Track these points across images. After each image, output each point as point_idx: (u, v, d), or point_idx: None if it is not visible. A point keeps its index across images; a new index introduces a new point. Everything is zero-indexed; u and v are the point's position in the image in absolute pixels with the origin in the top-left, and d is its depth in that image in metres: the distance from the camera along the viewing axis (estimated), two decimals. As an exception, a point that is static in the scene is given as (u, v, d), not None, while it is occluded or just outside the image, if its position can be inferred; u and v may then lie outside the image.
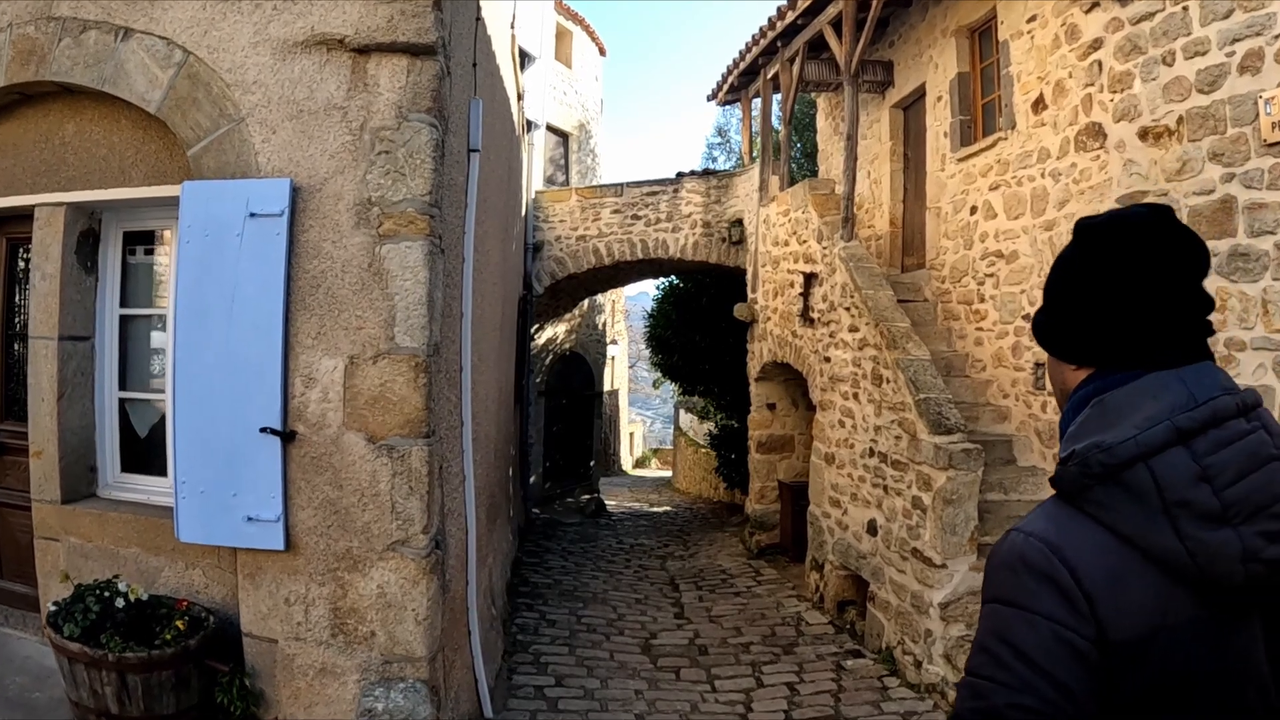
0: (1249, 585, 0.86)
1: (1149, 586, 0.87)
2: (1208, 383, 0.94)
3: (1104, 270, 1.01)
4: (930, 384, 5.44)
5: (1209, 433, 0.89)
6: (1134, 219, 1.02)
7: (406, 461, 3.02)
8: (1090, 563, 0.88)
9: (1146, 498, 0.88)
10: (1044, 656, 0.86)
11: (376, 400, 3.06)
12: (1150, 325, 0.98)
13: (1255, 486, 0.87)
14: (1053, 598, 0.88)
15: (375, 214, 3.15)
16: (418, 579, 3.04)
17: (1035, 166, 6.38)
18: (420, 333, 3.03)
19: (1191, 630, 0.87)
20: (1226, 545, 0.85)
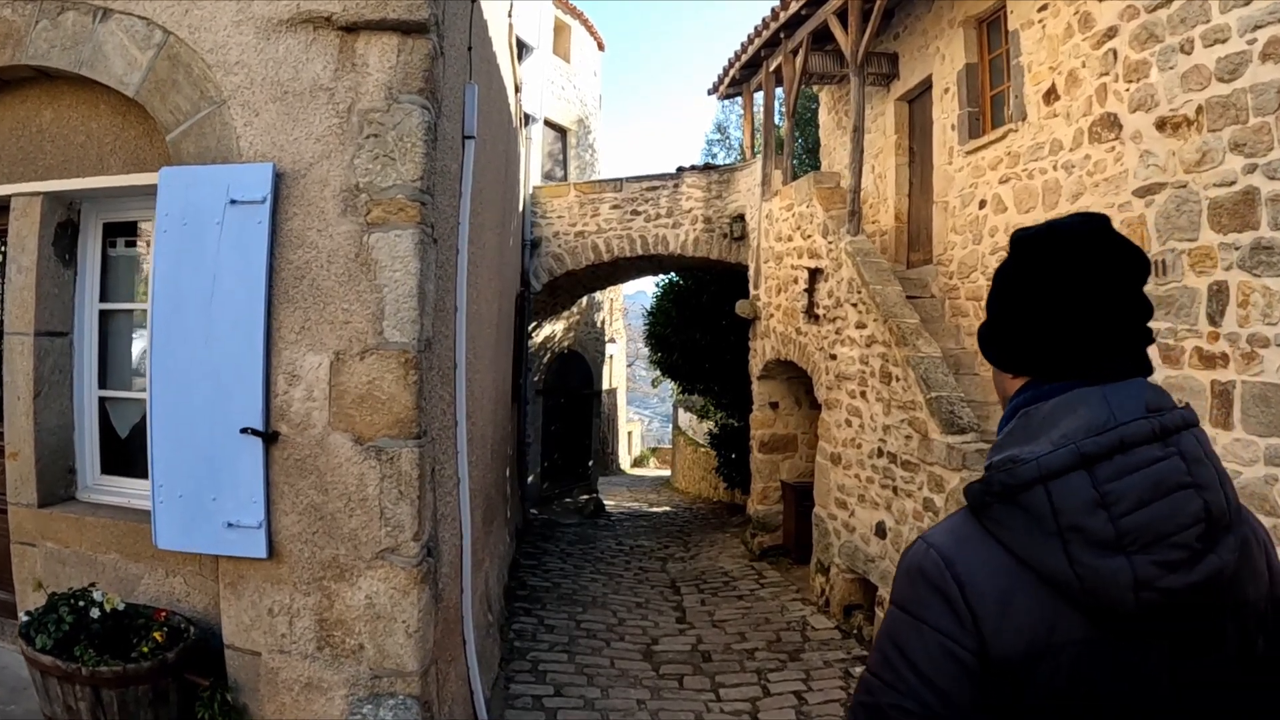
0: (1145, 613, 0.85)
1: (1039, 606, 0.88)
2: (1131, 403, 0.92)
3: (1035, 280, 1.01)
4: (942, 382, 5.27)
5: (1114, 458, 0.88)
6: (1066, 229, 1.02)
7: (396, 464, 2.84)
8: (980, 580, 0.90)
9: (1042, 521, 0.88)
10: (928, 664, 0.88)
11: (364, 399, 2.88)
12: (1080, 335, 0.98)
13: (1157, 515, 0.86)
14: (941, 610, 0.90)
15: (363, 201, 2.97)
16: (408, 589, 2.86)
17: (1047, 159, 6.21)
18: (410, 327, 2.85)
19: (1083, 652, 0.87)
20: (1118, 573, 0.84)
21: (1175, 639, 0.89)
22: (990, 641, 0.87)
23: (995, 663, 0.87)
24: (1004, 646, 0.87)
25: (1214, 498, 0.88)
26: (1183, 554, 0.85)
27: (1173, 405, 0.95)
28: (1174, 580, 0.85)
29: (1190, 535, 0.86)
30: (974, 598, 0.89)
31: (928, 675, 0.89)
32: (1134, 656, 0.88)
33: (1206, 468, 0.90)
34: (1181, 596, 0.85)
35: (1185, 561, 0.85)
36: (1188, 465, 0.88)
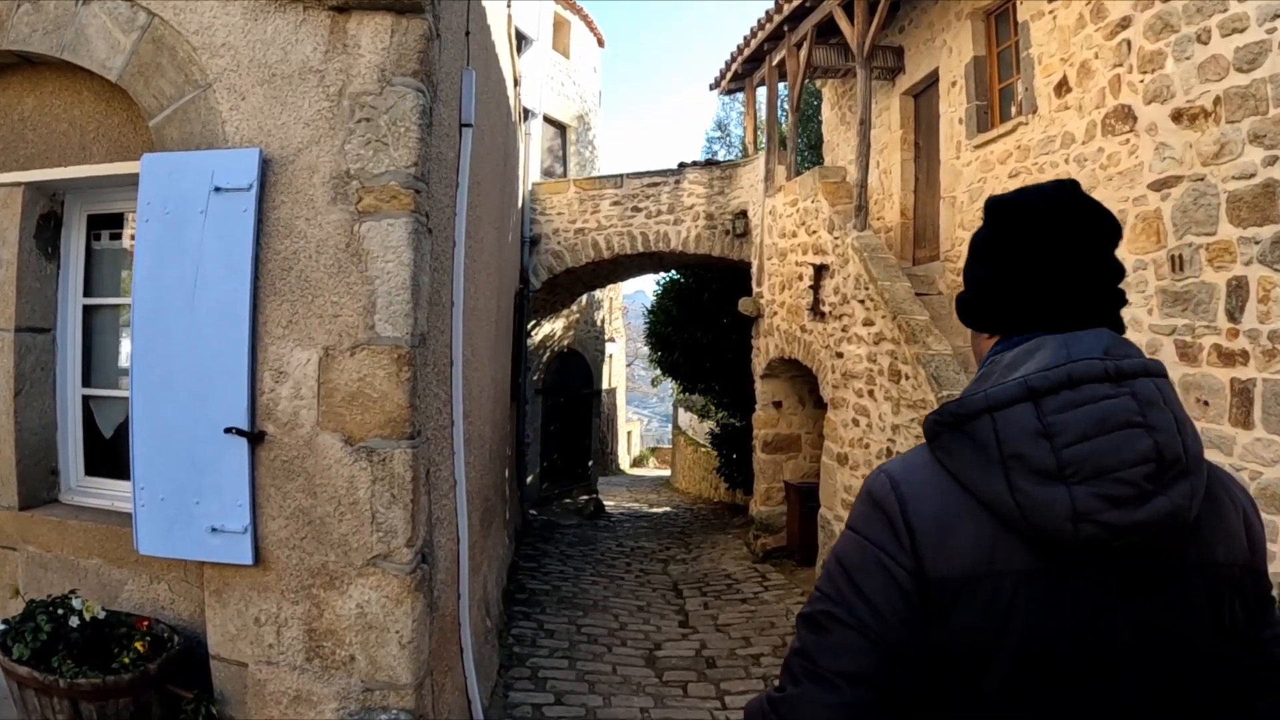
0: (1086, 545, 0.85)
1: (981, 532, 0.89)
2: (1087, 346, 0.93)
3: (1005, 242, 1.04)
4: (954, 380, 5.12)
5: (1061, 393, 0.88)
6: (1035, 192, 1.05)
7: (388, 466, 2.69)
8: (923, 501, 0.92)
9: (986, 448, 0.89)
10: (862, 577, 0.91)
11: (354, 397, 2.73)
12: (1045, 291, 1.00)
13: (1101, 449, 0.86)
14: (881, 526, 0.92)
15: (354, 188, 2.82)
16: (401, 597, 2.71)
17: (1059, 152, 6.06)
18: (403, 321, 2.70)
19: (1024, 580, 0.87)
20: (1055, 502, 0.85)
21: (1126, 580, 0.88)
22: (927, 560, 0.89)
23: (933, 582, 0.89)
24: (942, 566, 0.89)
25: (1166, 440, 0.87)
26: (1128, 490, 0.85)
27: (1136, 354, 0.95)
28: (1117, 516, 0.84)
29: (1137, 473, 0.85)
30: (914, 517, 0.91)
31: (861, 587, 0.91)
32: (1079, 591, 0.88)
33: (1163, 412, 0.89)
34: (1126, 534, 0.85)
35: (1131, 499, 0.85)
36: (1140, 406, 0.88)
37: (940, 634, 0.89)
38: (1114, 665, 0.89)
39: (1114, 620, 0.89)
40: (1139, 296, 5.24)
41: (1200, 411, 4.77)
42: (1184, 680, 0.91)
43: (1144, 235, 5.25)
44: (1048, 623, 0.87)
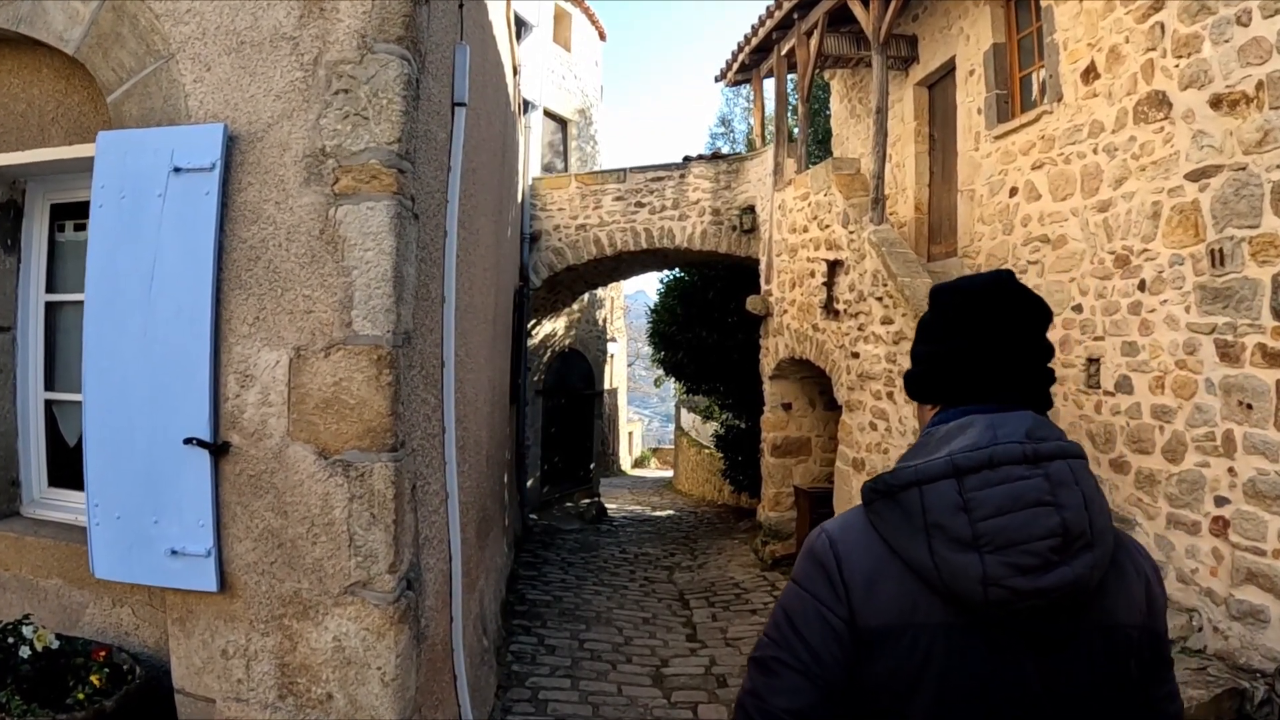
0: (995, 606, 0.96)
1: (904, 589, 1.00)
2: (1012, 429, 1.03)
3: (944, 323, 1.17)
4: (983, 382, 4.79)
5: (983, 472, 0.99)
6: (974, 281, 1.19)
7: (366, 482, 2.37)
8: (857, 559, 1.03)
9: (913, 516, 1.00)
10: (805, 626, 1.03)
11: (329, 403, 2.41)
12: (977, 370, 1.12)
13: (1012, 523, 0.96)
14: (821, 581, 1.04)
15: (330, 167, 2.50)
16: (383, 630, 2.39)
17: (1086, 142, 5.74)
18: (384, 317, 2.38)
19: (940, 633, 0.98)
20: (968, 567, 0.95)
21: (1033, 637, 0.98)
22: (859, 611, 0.99)
23: (862, 630, 0.99)
24: (870, 617, 0.99)
25: (1073, 517, 0.97)
26: (1034, 560, 0.94)
27: (1057, 436, 1.05)
28: (1022, 582, 0.94)
29: (1043, 546, 0.95)
30: (848, 573, 1.01)
31: (804, 635, 1.01)
32: (989, 645, 0.98)
33: (1073, 492, 0.99)
34: (1030, 598, 0.94)
35: (1036, 567, 0.94)
36: (1051, 486, 0.98)
37: (868, 675, 1.00)
38: (1023, 712, 0.99)
39: (1022, 672, 0.99)
40: (1175, 293, 4.91)
41: (1243, 415, 4.46)
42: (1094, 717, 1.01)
43: (1180, 228, 4.93)
44: (961, 671, 0.98)
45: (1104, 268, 5.45)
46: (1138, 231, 5.20)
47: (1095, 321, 5.52)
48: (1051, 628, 0.99)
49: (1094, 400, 5.53)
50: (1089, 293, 5.59)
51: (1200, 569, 4.68)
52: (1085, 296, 5.64)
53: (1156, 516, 4.95)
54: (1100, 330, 5.47)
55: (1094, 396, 5.53)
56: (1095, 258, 5.54)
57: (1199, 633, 4.57)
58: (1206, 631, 4.58)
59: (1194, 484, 4.71)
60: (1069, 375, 5.77)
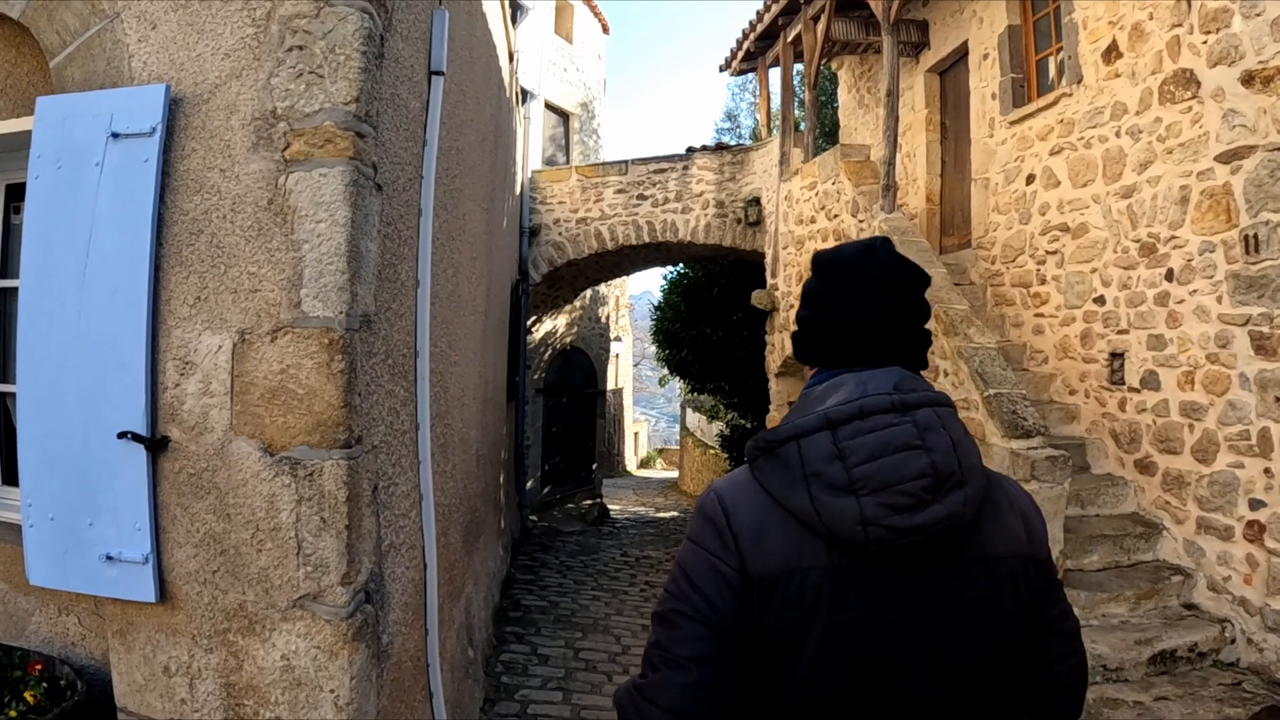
0: (875, 544, 1.02)
1: (789, 536, 1.06)
2: (879, 384, 1.11)
3: (821, 290, 1.23)
4: (1000, 376, 4.50)
5: (853, 423, 1.06)
6: (848, 249, 1.24)
7: (316, 482, 2.11)
8: (743, 512, 1.09)
9: (792, 468, 1.07)
10: (699, 577, 1.08)
11: (275, 393, 2.15)
12: (850, 334, 1.18)
13: (884, 467, 1.03)
14: (711, 535, 1.10)
15: (281, 131, 2.24)
16: (336, 648, 2.13)
17: (1108, 125, 5.44)
18: (337, 296, 2.12)
19: (826, 574, 1.04)
20: (847, 510, 1.02)
21: (914, 572, 1.06)
22: (749, 561, 1.06)
23: (753, 577, 1.06)
24: (759, 565, 1.06)
25: (942, 459, 1.04)
26: (908, 500, 1.02)
27: (924, 388, 1.13)
28: (898, 520, 1.02)
29: (916, 486, 1.02)
30: (737, 526, 1.08)
31: (699, 586, 1.08)
32: (873, 583, 1.05)
33: (941, 436, 1.07)
34: (907, 535, 1.02)
35: (911, 506, 1.02)
36: (920, 431, 1.06)
37: (762, 619, 1.05)
38: (910, 644, 1.06)
39: (906, 606, 1.06)
40: (1205, 283, 4.62)
41: (1281, 412, 4.19)
42: (980, 654, 1.09)
43: (1211, 214, 4.63)
44: (847, 609, 1.04)
45: (1128, 257, 5.16)
46: (1164, 218, 4.91)
47: (1119, 314, 5.22)
48: (930, 563, 1.06)
49: (1118, 397, 5.24)
50: (1112, 283, 5.30)
51: (1233, 577, 4.39)
52: (1108, 288, 5.34)
53: (1185, 521, 4.66)
54: (1124, 323, 5.17)
55: (1118, 393, 5.24)
56: (1119, 246, 5.25)
57: (1231, 645, 4.28)
58: (1240, 644, 4.29)
59: (1227, 486, 4.42)
60: (1091, 371, 5.48)
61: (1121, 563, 4.56)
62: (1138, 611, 4.24)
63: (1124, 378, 5.19)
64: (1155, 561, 4.65)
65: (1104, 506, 4.93)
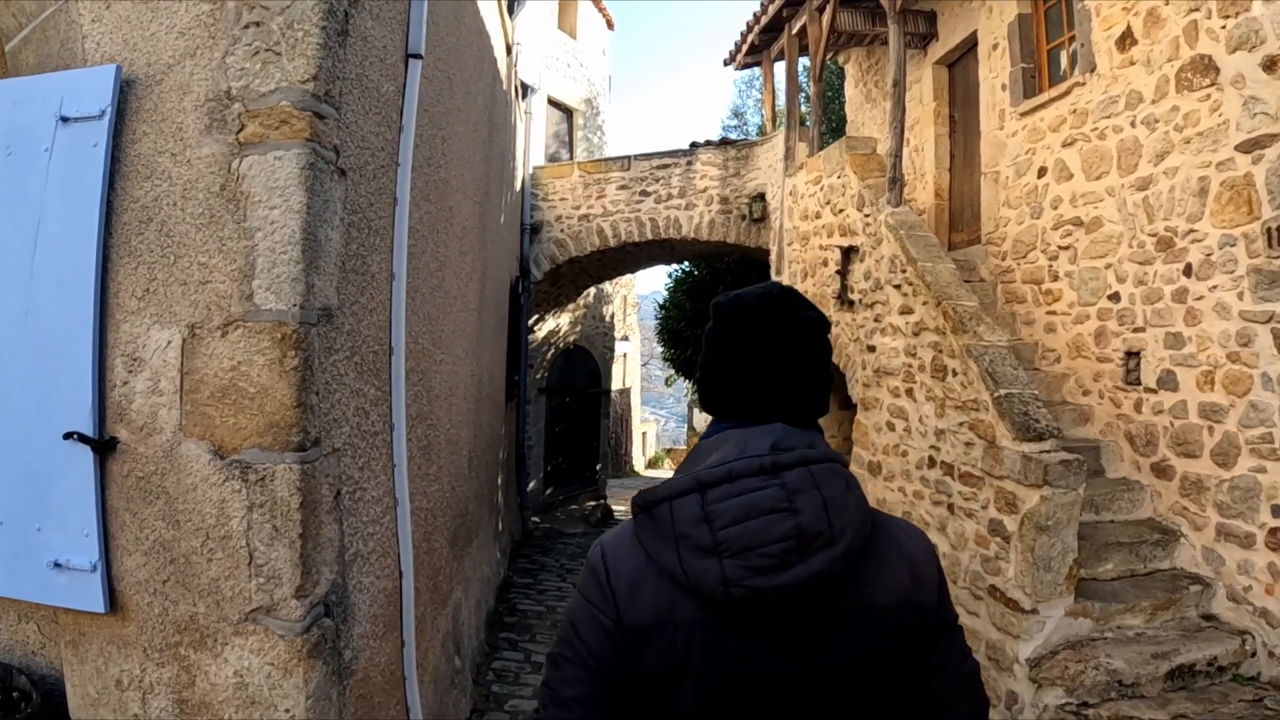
0: (738, 603, 1.05)
1: (662, 591, 1.10)
2: (758, 444, 1.13)
3: (716, 337, 1.23)
4: (1011, 376, 4.32)
5: (722, 486, 1.09)
6: (741, 296, 1.24)
7: (268, 487, 1.96)
8: (621, 566, 1.13)
9: (664, 528, 1.10)
10: (581, 625, 1.14)
11: (226, 392, 2.01)
12: (738, 388, 1.20)
13: (748, 531, 1.05)
14: (594, 587, 1.14)
15: (235, 112, 2.10)
16: (290, 665, 1.98)
17: (1123, 114, 5.25)
18: (291, 288, 1.97)
19: (696, 628, 1.08)
20: (709, 571, 1.05)
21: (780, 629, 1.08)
22: (624, 612, 1.11)
23: (628, 628, 1.10)
24: (634, 617, 1.10)
25: (809, 521, 1.06)
26: (771, 561, 1.04)
27: (806, 444, 1.14)
28: (759, 581, 1.04)
29: (779, 548, 1.05)
30: (615, 580, 1.12)
31: (581, 633, 1.13)
32: (741, 637, 1.08)
33: (810, 497, 1.08)
34: (768, 595, 1.04)
35: (772, 568, 1.04)
36: (787, 494, 1.08)
37: (640, 667, 1.10)
38: (789, 693, 1.09)
39: (777, 658, 1.09)
40: (1226, 278, 4.42)
41: (1305, 416, 4.00)
42: (866, 702, 1.11)
43: (1231, 206, 4.44)
44: (718, 660, 1.08)
45: (1145, 251, 4.97)
46: (1182, 210, 4.72)
47: (1135, 311, 5.03)
48: (801, 616, 1.08)
49: (1133, 398, 5.04)
50: (1128, 279, 5.10)
51: (1254, 586, 4.19)
52: (1123, 284, 5.15)
53: (1204, 528, 4.47)
54: (1140, 321, 4.98)
55: (1133, 394, 5.04)
56: (1135, 241, 5.06)
57: (1252, 659, 4.09)
58: (1261, 657, 4.09)
59: (1248, 491, 4.22)
60: (1105, 371, 5.29)
61: (1137, 571, 4.37)
62: (1154, 623, 4.04)
63: (1140, 378, 4.99)
64: (1173, 570, 4.46)
65: (1119, 512, 4.74)
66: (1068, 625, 3.91)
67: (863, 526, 1.11)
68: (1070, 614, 3.92)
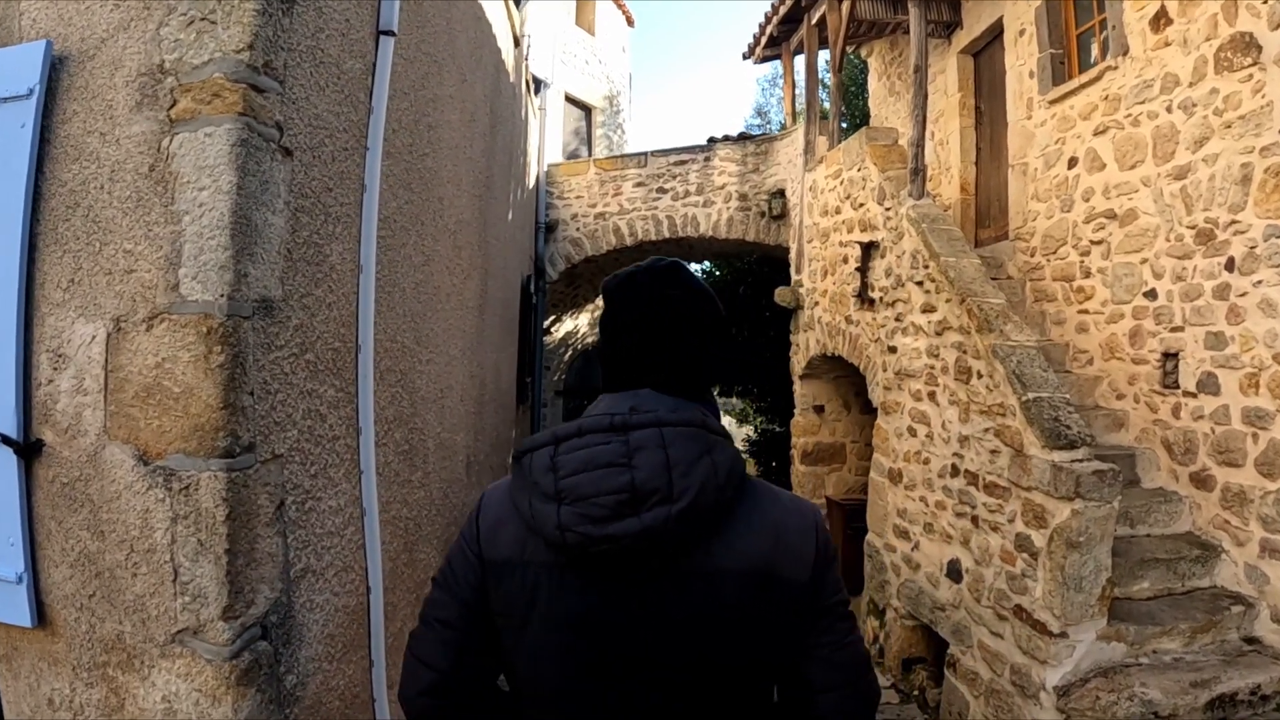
0: (574, 548, 1.11)
1: (519, 533, 1.18)
2: (622, 406, 1.20)
3: (602, 318, 1.32)
4: (1040, 379, 4.03)
5: (571, 440, 1.16)
6: (620, 274, 1.32)
7: (192, 497, 1.78)
8: (491, 508, 1.25)
9: (525, 476, 1.17)
10: (454, 556, 1.25)
11: (151, 392, 1.83)
12: (616, 360, 1.27)
13: (583, 482, 1.11)
14: (470, 524, 1.26)
15: (168, 87, 1.92)
16: (219, 693, 1.80)
17: (1158, 99, 4.93)
18: (218, 276, 1.79)
19: (544, 570, 1.15)
20: (549, 516, 1.12)
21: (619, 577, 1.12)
22: (485, 548, 1.21)
23: (488, 562, 1.20)
24: (492, 552, 1.20)
25: (645, 477, 1.10)
26: (603, 511, 1.09)
27: (668, 409, 1.18)
28: (591, 529, 1.10)
29: (611, 500, 1.10)
30: (483, 520, 1.24)
31: (453, 565, 1.24)
32: (584, 582, 1.13)
33: (653, 454, 1.12)
34: (599, 543, 1.09)
35: (605, 518, 1.09)
36: (628, 450, 1.12)
37: (496, 599, 1.19)
38: (624, 647, 1.13)
39: (616, 609, 1.13)
40: (1272, 272, 4.10)
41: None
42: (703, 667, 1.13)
43: (1277, 194, 4.11)
44: (561, 602, 1.14)
45: (1183, 245, 4.65)
46: (1223, 200, 4.40)
47: (1172, 309, 4.71)
48: (641, 572, 1.12)
49: (1171, 403, 4.72)
50: (1165, 275, 4.78)
51: (1305, 606, 3.88)
52: (1160, 280, 4.83)
53: (1247, 543, 4.14)
54: (1179, 319, 4.66)
55: (1171, 398, 4.72)
56: (1172, 234, 4.74)
57: (1304, 684, 3.77)
58: (1313, 683, 3.77)
59: (1298, 503, 3.91)
60: (1141, 373, 4.97)
61: (1175, 590, 4.05)
62: (1193, 647, 3.73)
63: (1178, 380, 4.67)
64: (1213, 589, 4.13)
65: (1155, 525, 4.42)
66: (1099, 650, 3.62)
67: (717, 491, 1.12)
68: (1103, 637, 3.62)
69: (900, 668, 5.20)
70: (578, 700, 1.14)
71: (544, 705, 1.16)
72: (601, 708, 1.13)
